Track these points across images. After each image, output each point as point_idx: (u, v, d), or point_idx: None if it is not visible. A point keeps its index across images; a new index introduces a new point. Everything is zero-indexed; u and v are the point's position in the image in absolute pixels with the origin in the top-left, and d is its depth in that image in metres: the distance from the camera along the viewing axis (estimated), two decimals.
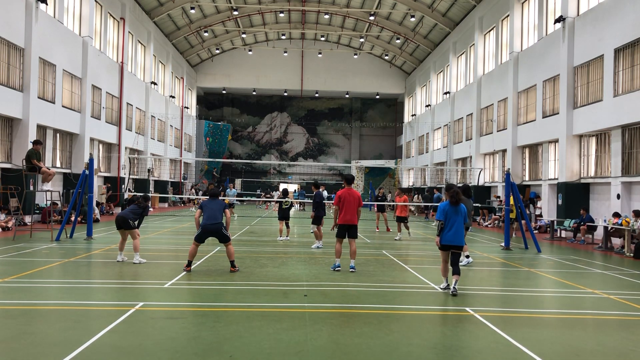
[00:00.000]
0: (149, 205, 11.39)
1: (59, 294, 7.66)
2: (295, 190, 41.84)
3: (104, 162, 29.54)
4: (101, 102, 27.69)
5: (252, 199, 43.61)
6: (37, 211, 20.33)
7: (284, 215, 15.58)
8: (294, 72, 50.43)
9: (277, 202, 17.03)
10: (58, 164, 23.75)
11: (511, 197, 15.59)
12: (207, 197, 10.15)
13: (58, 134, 23.76)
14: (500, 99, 28.42)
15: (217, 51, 48.40)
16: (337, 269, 9.94)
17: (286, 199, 15.93)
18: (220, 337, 5.47)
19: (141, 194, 11.44)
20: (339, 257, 9.99)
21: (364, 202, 11.41)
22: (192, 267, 9.65)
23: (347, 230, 9.99)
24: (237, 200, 26.65)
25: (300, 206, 38.98)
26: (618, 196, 17.69)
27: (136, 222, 10.61)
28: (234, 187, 25.71)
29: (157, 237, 15.83)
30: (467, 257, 11.29)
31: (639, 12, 16.92)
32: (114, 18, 29.78)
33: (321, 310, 6.78)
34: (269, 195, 40.97)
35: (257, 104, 56.18)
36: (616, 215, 15.63)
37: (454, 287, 7.88)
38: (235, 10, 37.97)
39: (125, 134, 31.07)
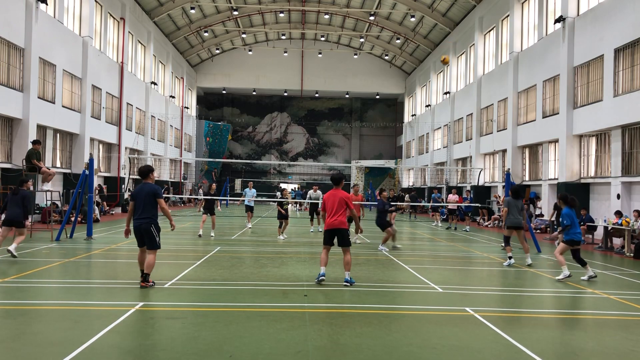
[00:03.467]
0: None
1: (59, 294, 7.66)
2: (291, 190, 41.89)
3: (104, 162, 29.53)
4: (101, 102, 27.68)
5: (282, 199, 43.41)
6: (37, 211, 20.33)
7: (285, 214, 16.18)
8: (294, 72, 50.43)
9: (278, 202, 17.17)
10: (58, 164, 23.74)
11: None
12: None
13: (58, 134, 23.75)
14: (500, 99, 28.42)
15: (217, 51, 48.39)
16: (320, 278, 8.40)
17: (286, 200, 16.22)
18: (220, 337, 5.47)
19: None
20: (324, 266, 8.52)
21: (366, 203, 11.10)
22: (152, 281, 7.95)
23: (333, 236, 8.55)
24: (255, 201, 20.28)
25: (299, 206, 39.34)
26: (618, 196, 17.69)
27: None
28: (253, 187, 19.90)
29: None
30: (510, 258, 11.42)
31: (639, 12, 16.92)
32: (114, 18, 29.78)
33: (321, 310, 6.78)
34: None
35: (257, 104, 56.18)
36: (618, 213, 15.61)
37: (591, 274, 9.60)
38: (235, 10, 37.98)
39: (125, 134, 31.07)
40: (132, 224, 8.00)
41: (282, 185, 49.49)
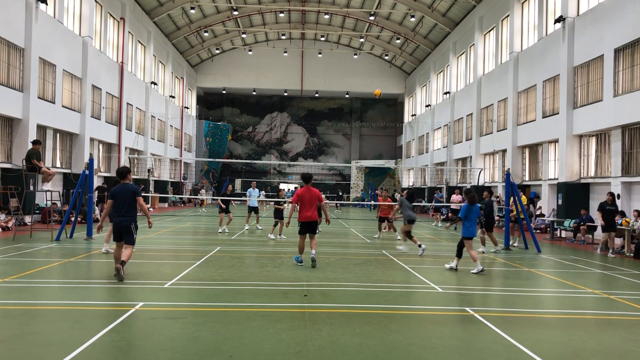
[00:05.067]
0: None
1: (59, 294, 7.66)
2: (287, 189, 41.75)
3: (104, 162, 29.53)
4: (101, 102, 27.69)
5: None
6: (37, 211, 20.33)
7: (281, 214, 16.66)
8: (294, 72, 50.43)
9: (275, 202, 17.31)
10: (58, 164, 23.75)
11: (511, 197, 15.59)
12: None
13: (58, 134, 23.75)
14: (500, 99, 28.42)
15: (217, 51, 48.40)
16: (299, 264, 10.48)
17: (283, 200, 16.49)
18: (220, 337, 5.47)
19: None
20: (302, 253, 10.63)
21: (365, 202, 12.84)
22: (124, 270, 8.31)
23: (307, 227, 10.48)
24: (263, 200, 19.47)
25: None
26: (618, 196, 17.69)
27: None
28: (256, 187, 18.81)
29: (157, 237, 15.82)
30: (420, 246, 12.84)
31: (639, 12, 16.92)
32: (114, 18, 29.79)
33: (321, 310, 6.77)
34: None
35: (257, 104, 56.19)
36: (621, 213, 15.60)
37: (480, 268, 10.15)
38: (235, 10, 37.98)
39: (125, 134, 31.07)
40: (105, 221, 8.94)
41: (282, 186, 49.52)
